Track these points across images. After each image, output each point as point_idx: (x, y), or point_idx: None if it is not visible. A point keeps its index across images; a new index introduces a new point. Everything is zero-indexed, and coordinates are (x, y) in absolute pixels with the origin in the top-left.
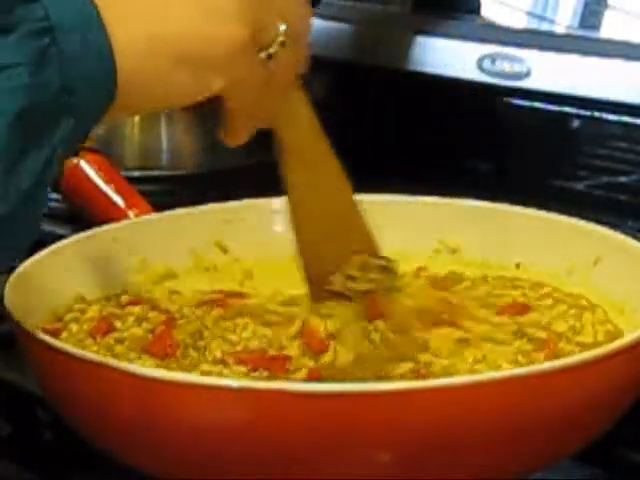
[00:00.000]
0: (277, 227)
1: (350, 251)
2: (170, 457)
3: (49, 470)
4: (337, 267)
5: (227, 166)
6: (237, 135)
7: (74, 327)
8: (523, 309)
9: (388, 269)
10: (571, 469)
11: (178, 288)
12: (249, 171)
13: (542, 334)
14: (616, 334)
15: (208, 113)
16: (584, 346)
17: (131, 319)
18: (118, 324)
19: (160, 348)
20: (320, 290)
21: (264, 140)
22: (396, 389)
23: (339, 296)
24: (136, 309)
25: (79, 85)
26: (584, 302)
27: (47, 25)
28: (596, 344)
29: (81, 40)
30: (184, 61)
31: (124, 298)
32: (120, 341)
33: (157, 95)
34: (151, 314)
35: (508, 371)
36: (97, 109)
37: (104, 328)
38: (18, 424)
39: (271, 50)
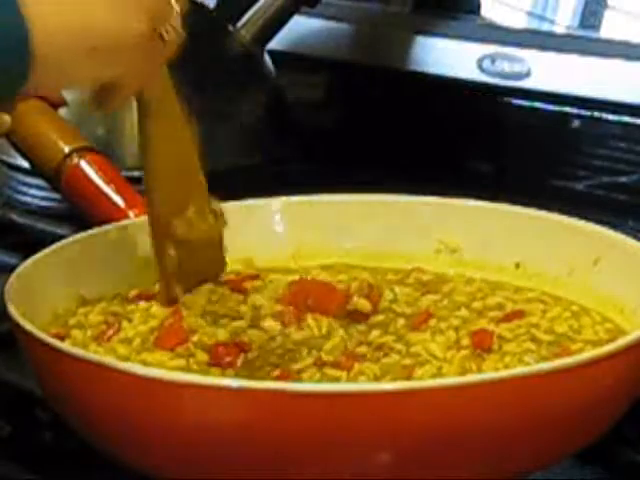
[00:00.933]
0: (277, 227)
1: (190, 197)
2: (170, 457)
3: (49, 470)
4: (178, 211)
5: (227, 166)
6: (113, 105)
7: (78, 334)
8: (519, 314)
9: (219, 216)
10: (571, 469)
11: None
12: (249, 171)
13: (548, 337)
14: (617, 332)
15: (208, 113)
16: (592, 343)
17: (137, 316)
18: (124, 323)
19: (169, 340)
20: (162, 235)
21: (264, 140)
22: (396, 389)
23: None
24: (141, 305)
25: None
26: (575, 307)
27: None
28: (601, 341)
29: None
30: (94, 53)
31: (131, 293)
32: (126, 341)
33: (63, 81)
34: (155, 309)
35: (508, 371)
36: (7, 90)
37: (109, 333)
38: (18, 424)
39: (165, 36)
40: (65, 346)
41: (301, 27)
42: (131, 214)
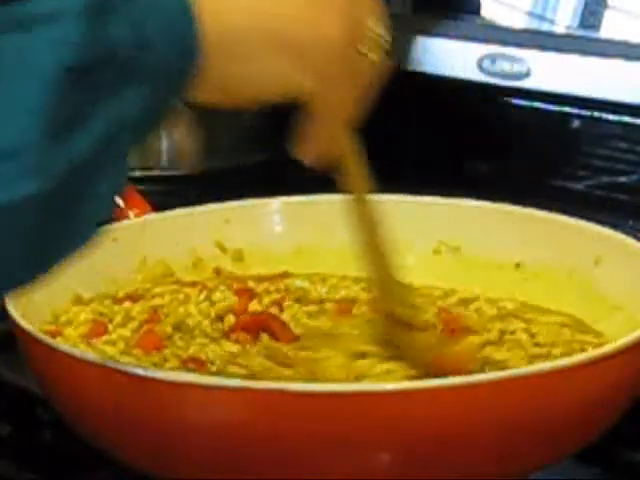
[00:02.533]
0: (277, 227)
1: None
2: (169, 457)
3: (49, 470)
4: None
5: (227, 166)
6: (314, 146)
7: (69, 331)
8: None
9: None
10: (571, 469)
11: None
12: (249, 171)
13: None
14: None
15: (208, 113)
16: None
17: (118, 318)
18: (109, 326)
19: (146, 345)
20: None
21: (264, 140)
22: (396, 389)
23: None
24: (125, 305)
25: (155, 43)
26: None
27: None
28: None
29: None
30: (282, 45)
31: (120, 293)
32: (111, 343)
33: (240, 80)
34: (137, 310)
35: (508, 371)
36: (176, 76)
37: (98, 331)
38: (18, 424)
39: (363, 49)
40: (65, 347)
41: None
42: (131, 214)
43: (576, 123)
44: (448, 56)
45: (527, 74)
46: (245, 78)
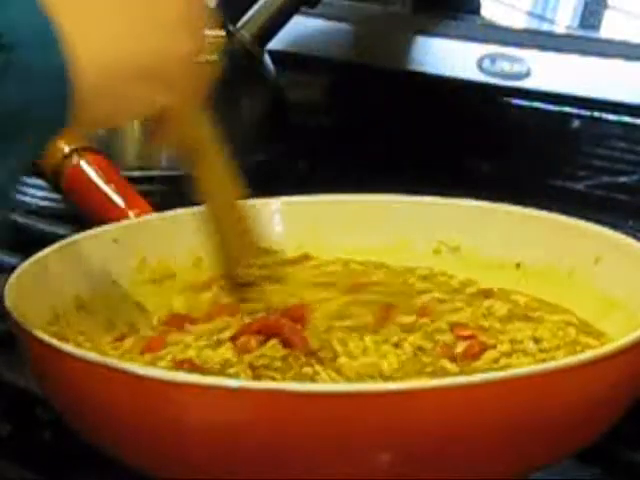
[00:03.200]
0: (277, 227)
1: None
2: (169, 457)
3: (49, 470)
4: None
5: None
6: (171, 139)
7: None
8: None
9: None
10: (571, 469)
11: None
12: (249, 171)
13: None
14: None
15: (208, 113)
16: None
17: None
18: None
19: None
20: (234, 284)
21: (264, 140)
22: (396, 389)
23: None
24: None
25: (35, 105)
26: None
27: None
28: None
29: (40, 59)
30: (140, 77)
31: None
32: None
33: (112, 111)
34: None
35: (508, 371)
36: (53, 128)
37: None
38: (18, 424)
39: (206, 54)
40: (65, 346)
41: (301, 27)
42: (131, 214)
43: (576, 123)
44: (448, 56)
45: (527, 74)
46: (115, 110)
